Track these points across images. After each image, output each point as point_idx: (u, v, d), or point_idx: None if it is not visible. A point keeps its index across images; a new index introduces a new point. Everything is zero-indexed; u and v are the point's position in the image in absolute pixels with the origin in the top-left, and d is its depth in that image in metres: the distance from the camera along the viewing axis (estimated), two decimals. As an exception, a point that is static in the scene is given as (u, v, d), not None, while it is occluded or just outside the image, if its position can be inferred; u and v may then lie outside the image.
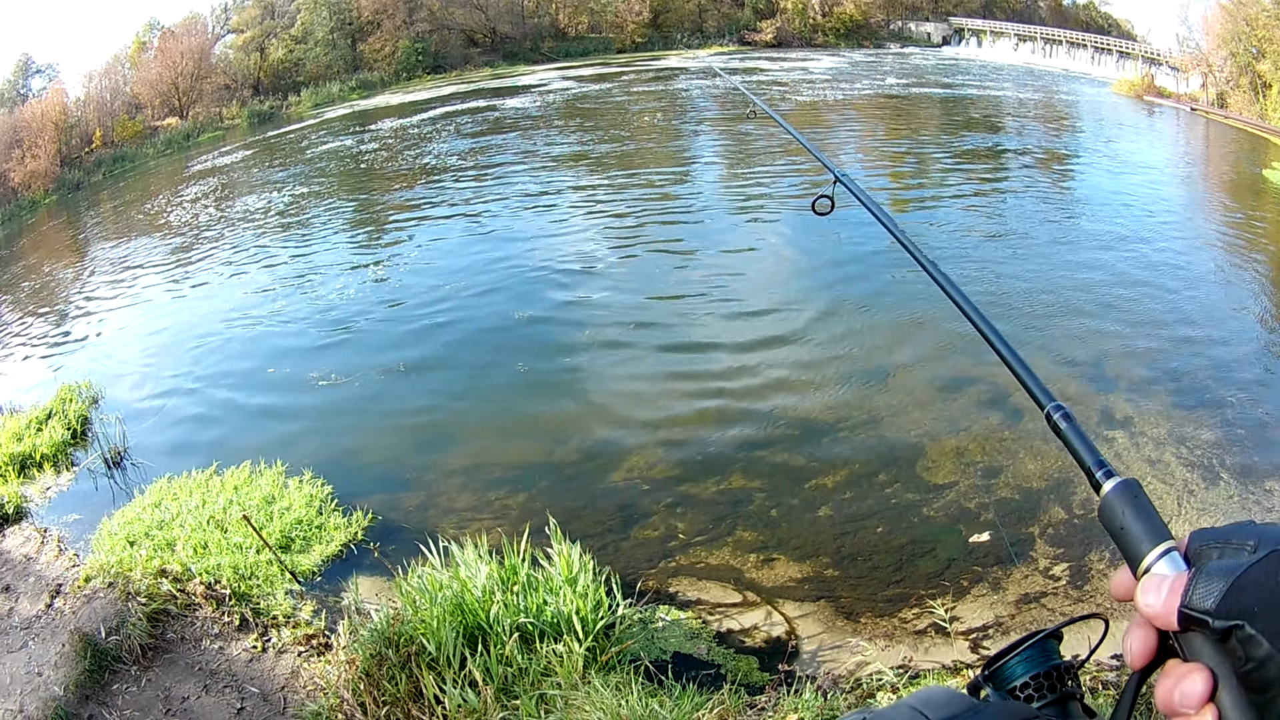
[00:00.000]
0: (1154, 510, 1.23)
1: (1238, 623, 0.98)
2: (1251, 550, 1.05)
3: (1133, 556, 1.19)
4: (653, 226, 21.50)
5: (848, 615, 7.99)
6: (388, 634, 6.86)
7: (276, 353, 16.20)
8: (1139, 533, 1.20)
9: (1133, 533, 1.21)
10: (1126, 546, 1.21)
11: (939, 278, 2.11)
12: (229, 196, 34.80)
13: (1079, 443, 1.44)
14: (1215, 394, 11.87)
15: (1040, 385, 1.65)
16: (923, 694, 1.32)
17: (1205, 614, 1.02)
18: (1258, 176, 27.89)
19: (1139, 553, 1.18)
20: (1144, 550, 1.17)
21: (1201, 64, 45.58)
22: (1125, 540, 1.22)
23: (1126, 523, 1.22)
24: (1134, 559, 1.19)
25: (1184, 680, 1.04)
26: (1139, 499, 1.25)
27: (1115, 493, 1.27)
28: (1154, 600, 1.10)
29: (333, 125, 51.71)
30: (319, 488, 10.73)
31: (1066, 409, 1.53)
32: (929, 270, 2.17)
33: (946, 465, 10.24)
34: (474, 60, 75.73)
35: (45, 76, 66.65)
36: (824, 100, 42.96)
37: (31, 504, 11.90)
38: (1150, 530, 1.19)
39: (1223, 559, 1.08)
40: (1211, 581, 1.03)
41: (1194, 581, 1.06)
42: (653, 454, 11.05)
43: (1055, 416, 1.53)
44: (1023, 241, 19.07)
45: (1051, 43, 66.20)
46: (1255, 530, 1.08)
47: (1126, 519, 1.23)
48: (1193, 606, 1.04)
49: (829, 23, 78.61)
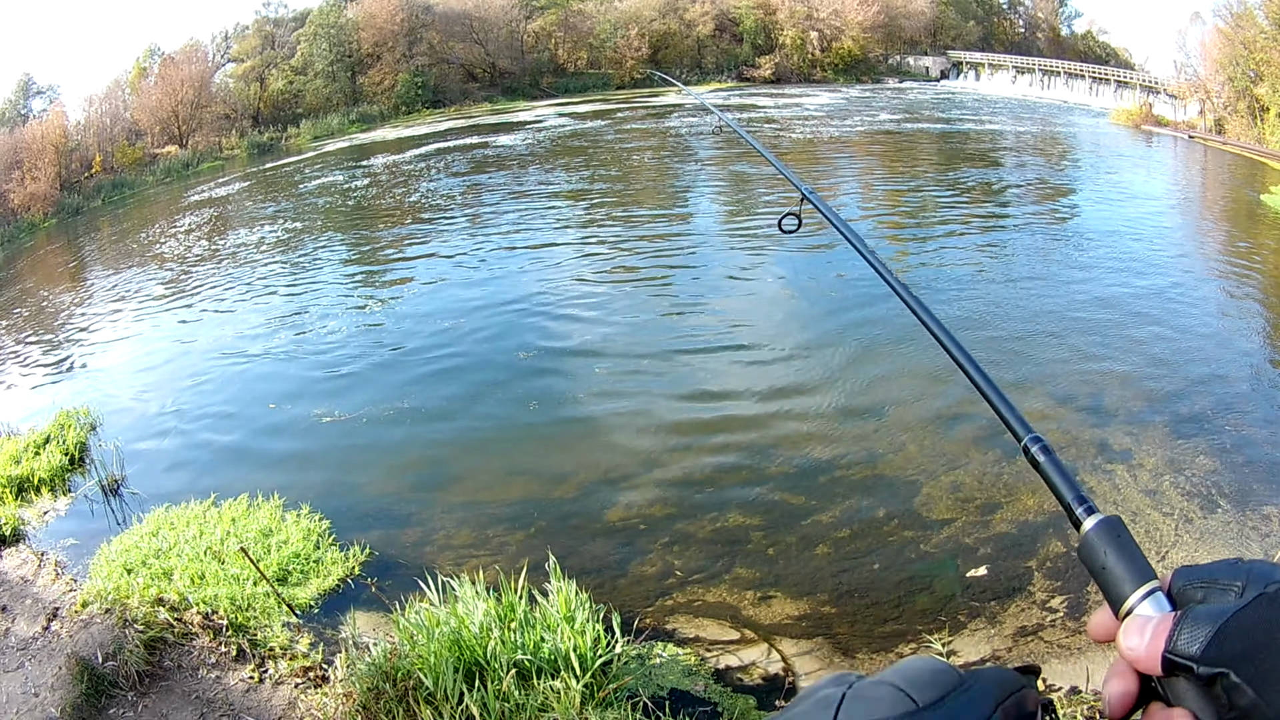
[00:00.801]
0: (1137, 548, 1.21)
1: (1223, 670, 0.97)
2: (1239, 592, 1.04)
3: (1114, 597, 1.17)
4: (649, 265, 21.57)
5: (845, 651, 7.97)
6: (385, 668, 6.86)
7: (275, 387, 16.21)
8: (1121, 573, 1.18)
9: (1115, 573, 1.19)
10: (1108, 587, 1.19)
11: (911, 302, 2.07)
12: (228, 229, 34.81)
13: (1058, 477, 1.42)
14: (1214, 423, 11.91)
15: (1018, 416, 1.61)
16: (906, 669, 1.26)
17: (1190, 660, 1.00)
18: (1256, 201, 28.02)
19: (1121, 593, 1.16)
20: (1126, 591, 1.15)
21: (1199, 90, 45.90)
22: (1107, 580, 1.19)
23: (1108, 562, 1.21)
24: (1116, 600, 1.17)
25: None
26: (1121, 537, 1.23)
27: (1097, 531, 1.26)
28: (1137, 644, 1.07)
29: (332, 159, 51.80)
30: (316, 522, 10.72)
31: (1045, 441, 1.49)
32: (900, 294, 2.14)
33: (944, 501, 10.25)
34: (473, 95, 76.04)
35: (46, 98, 66.66)
36: (820, 137, 43.05)
37: (29, 527, 11.88)
38: (1133, 570, 1.18)
39: (1208, 601, 1.07)
40: (1197, 627, 1.01)
41: (1179, 626, 1.03)
42: (650, 492, 11.04)
43: (1034, 449, 1.50)
44: (1021, 274, 19.13)
45: (1050, 74, 66.64)
46: (1242, 570, 1.07)
47: (1108, 559, 1.21)
48: (1177, 652, 1.02)
49: (827, 58, 79.15)
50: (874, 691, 1.12)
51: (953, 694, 1.12)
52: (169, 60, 70.11)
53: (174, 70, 68.30)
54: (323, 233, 30.90)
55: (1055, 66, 66.81)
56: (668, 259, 22.02)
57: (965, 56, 77.00)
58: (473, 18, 76.84)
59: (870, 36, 78.69)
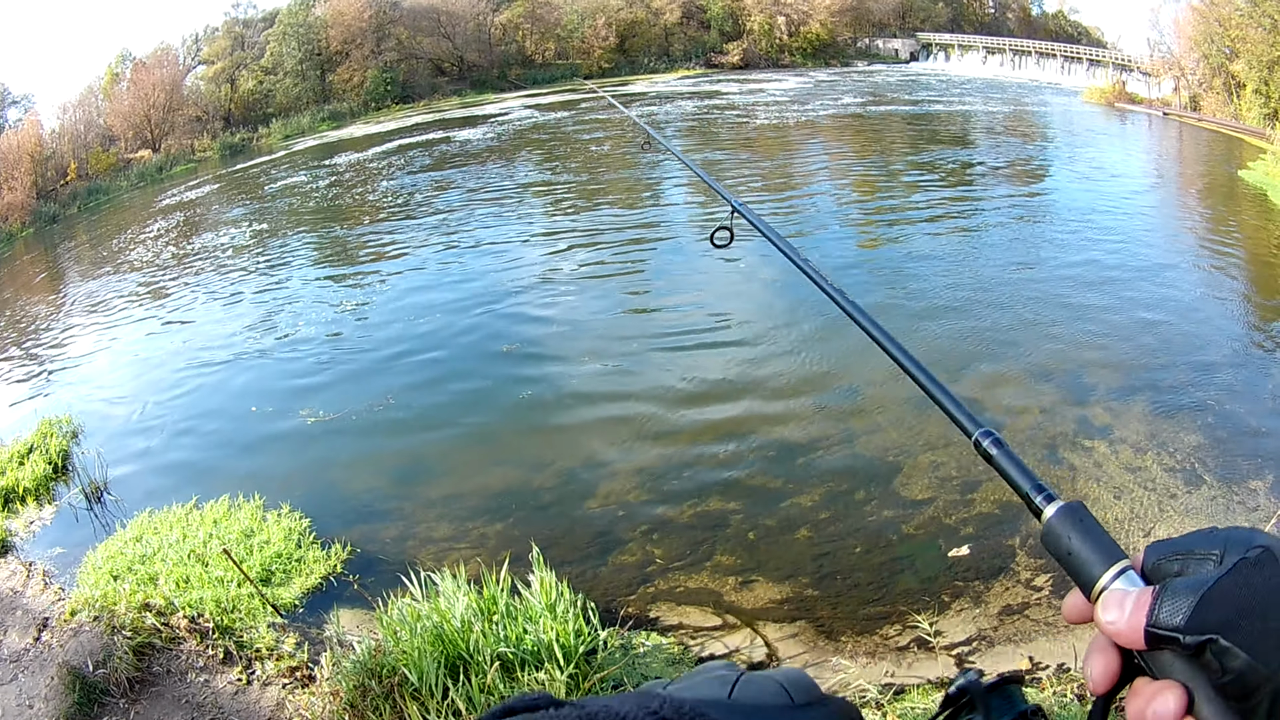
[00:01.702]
0: (1103, 531, 1.16)
1: (1211, 637, 0.95)
2: (1217, 560, 1.02)
3: (1085, 581, 1.13)
4: (618, 255, 21.63)
5: (829, 634, 8.00)
6: (370, 665, 6.87)
7: (252, 388, 16.16)
8: (1088, 555, 1.14)
9: (1081, 556, 1.14)
10: (1077, 571, 1.14)
11: (846, 305, 2.01)
12: (201, 232, 34.63)
13: (1013, 468, 1.35)
14: (1195, 397, 11.97)
15: (965, 411, 1.51)
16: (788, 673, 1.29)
17: (1175, 631, 0.98)
18: (1233, 177, 28.13)
19: (1091, 576, 1.12)
20: (1096, 573, 1.11)
21: (1174, 68, 46.06)
22: (1074, 565, 1.15)
23: (1074, 547, 1.16)
24: (1086, 583, 1.13)
25: (1156, 699, 1.00)
26: (1085, 521, 1.18)
27: (1058, 517, 1.20)
28: (1116, 616, 1.05)
29: (303, 158, 51.65)
30: (297, 521, 10.71)
31: (996, 434, 1.41)
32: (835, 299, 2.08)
33: (923, 481, 10.29)
34: (442, 89, 75.99)
35: (21, 108, 66.36)
36: (786, 122, 43.01)
37: (16, 538, 11.84)
38: (1101, 551, 1.13)
39: (1186, 573, 1.04)
40: (1179, 598, 0.99)
41: (1159, 599, 1.01)
42: (628, 480, 11.05)
43: (985, 443, 1.41)
44: (995, 254, 19.19)
45: (1020, 54, 66.73)
46: (1220, 537, 1.05)
47: (1074, 543, 1.16)
48: (1160, 625, 0.99)
49: (795, 43, 79.28)
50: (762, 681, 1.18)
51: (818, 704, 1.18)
52: (140, 65, 69.87)
53: (145, 74, 68.06)
54: (294, 233, 30.83)
55: (1026, 46, 66.90)
56: (636, 248, 22.10)
57: (934, 38, 77.12)
58: (440, 12, 76.86)
59: (838, 20, 78.86)
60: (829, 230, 22.61)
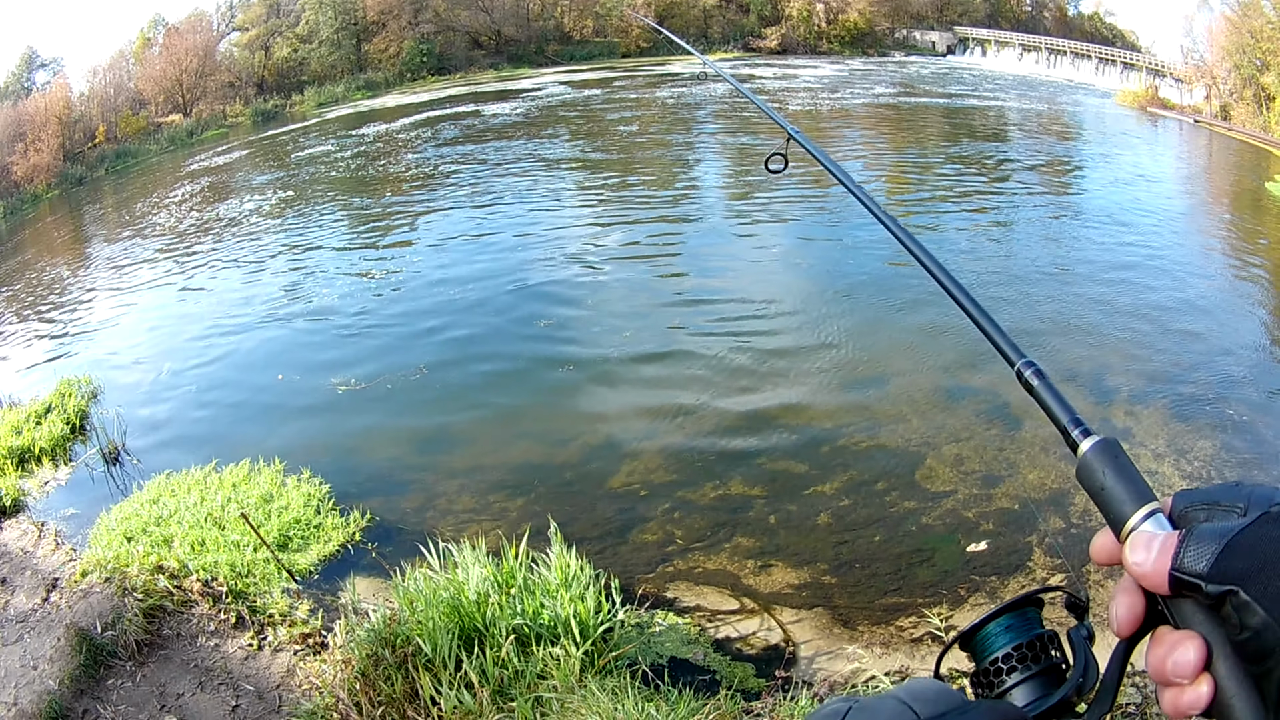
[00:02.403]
0: (1136, 470, 1.19)
1: (1232, 588, 0.96)
2: (1241, 513, 1.04)
3: (1115, 518, 1.15)
4: (651, 232, 21.57)
5: (844, 622, 7.97)
6: (384, 634, 6.85)
7: (275, 354, 16.25)
8: (1121, 493, 1.16)
9: (1114, 493, 1.17)
10: (1108, 507, 1.17)
11: (899, 233, 2.01)
12: (232, 196, 34.62)
13: (1053, 400, 1.39)
14: (1216, 407, 11.86)
15: (1009, 341, 1.56)
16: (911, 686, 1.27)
17: (1198, 578, 0.99)
18: (1260, 189, 27.85)
19: (1122, 514, 1.14)
20: (1127, 511, 1.14)
21: (1205, 76, 45.67)
22: (1106, 500, 1.18)
23: (1107, 482, 1.19)
24: (1116, 520, 1.15)
25: (1177, 649, 1.01)
26: (1120, 458, 1.21)
27: (1094, 451, 1.23)
28: (1143, 558, 1.06)
29: (336, 126, 51.44)
30: (317, 487, 10.72)
31: (1038, 365, 1.47)
32: (888, 225, 2.08)
33: (946, 474, 10.23)
34: (479, 62, 75.51)
35: (50, 70, 66.20)
36: (820, 109, 42.86)
37: (29, 497, 11.90)
38: (1133, 491, 1.16)
39: (1211, 521, 1.06)
40: (1203, 544, 1.00)
41: (1185, 543, 1.03)
42: (652, 460, 11.03)
43: (1027, 373, 1.47)
44: (1024, 254, 19.10)
45: (1056, 53, 66.19)
46: (1244, 492, 1.07)
47: (1107, 479, 1.19)
48: (1184, 569, 1.01)
49: (834, 30, 78.65)
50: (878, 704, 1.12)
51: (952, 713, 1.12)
52: (173, 30, 69.69)
53: (178, 40, 67.94)
54: (324, 200, 30.79)
55: (1062, 45, 66.41)
56: (670, 227, 22.02)
57: (972, 32, 76.61)
58: (479, -15, 76.53)
59: (877, 10, 78.22)
60: (863, 218, 22.52)
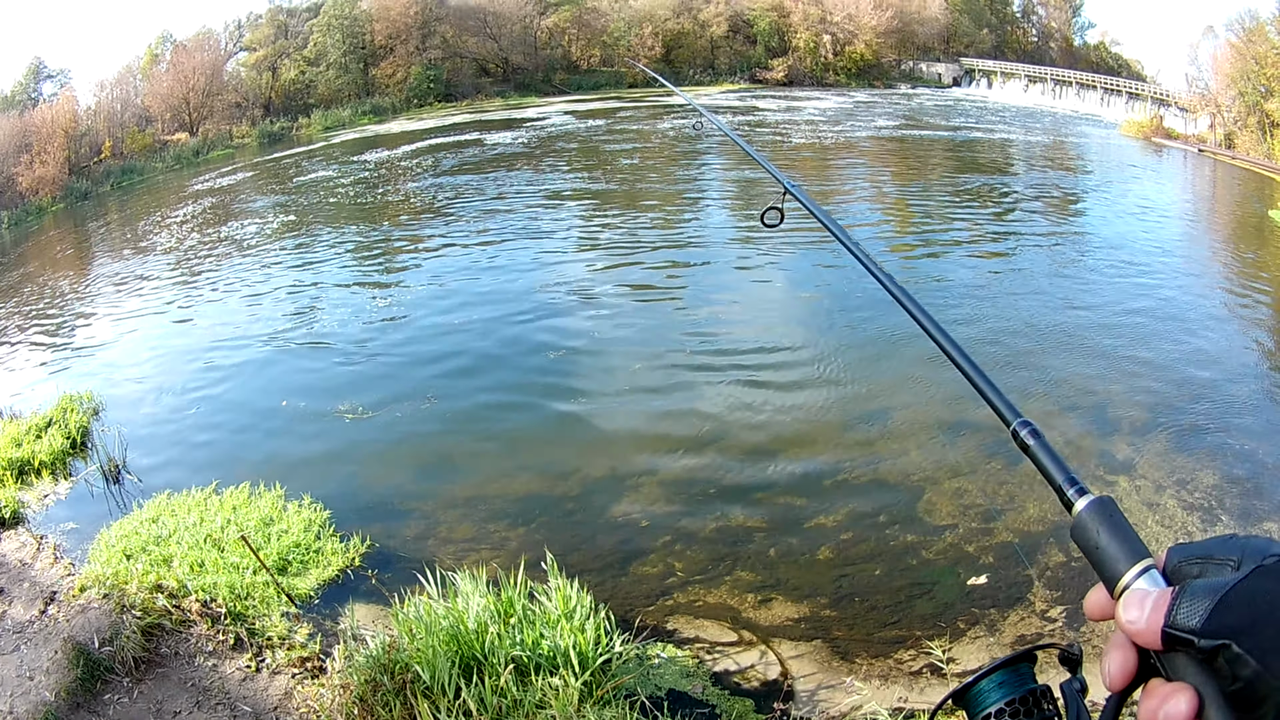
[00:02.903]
0: (1130, 528, 1.21)
1: (1225, 642, 0.97)
2: (1235, 566, 1.05)
3: (1109, 575, 1.17)
4: (655, 266, 21.58)
5: (844, 656, 7.97)
6: (383, 660, 6.85)
7: (277, 377, 16.29)
8: (1115, 551, 1.19)
9: (1108, 551, 1.19)
10: (1102, 566, 1.19)
11: (895, 291, 2.07)
12: (236, 218, 34.61)
13: (1048, 460, 1.42)
14: (1217, 437, 11.93)
15: (1006, 402, 1.62)
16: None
17: (1191, 633, 1.00)
18: (1264, 217, 28.07)
19: (1116, 571, 1.16)
20: (1121, 569, 1.16)
21: (1210, 104, 45.91)
22: (1100, 559, 1.20)
23: (1102, 541, 1.21)
24: (1111, 578, 1.17)
25: (1169, 700, 1.02)
26: (1114, 517, 1.23)
27: (1089, 511, 1.26)
28: (1136, 616, 1.08)
29: (343, 150, 51.69)
30: (317, 512, 10.71)
31: (1034, 425, 1.50)
32: (884, 284, 2.15)
33: (946, 508, 10.24)
34: (485, 90, 75.88)
35: (57, 82, 66.50)
36: (826, 142, 42.97)
37: (28, 510, 11.90)
38: (1127, 548, 1.18)
39: (1205, 576, 1.07)
40: (1196, 600, 1.02)
41: (1178, 600, 1.04)
42: (653, 491, 11.03)
43: (1023, 433, 1.51)
44: (1027, 283, 19.15)
45: (1061, 84, 66.61)
46: (1238, 544, 1.09)
47: (1102, 537, 1.21)
48: (1177, 626, 1.02)
49: (840, 62, 79.08)
50: None
51: None
52: (181, 48, 70.00)
53: (186, 58, 68.22)
54: (328, 225, 30.87)
55: (1067, 76, 66.81)
56: (672, 261, 22.01)
57: (978, 64, 77.04)
58: (487, 12, 76.77)
59: (883, 42, 78.67)
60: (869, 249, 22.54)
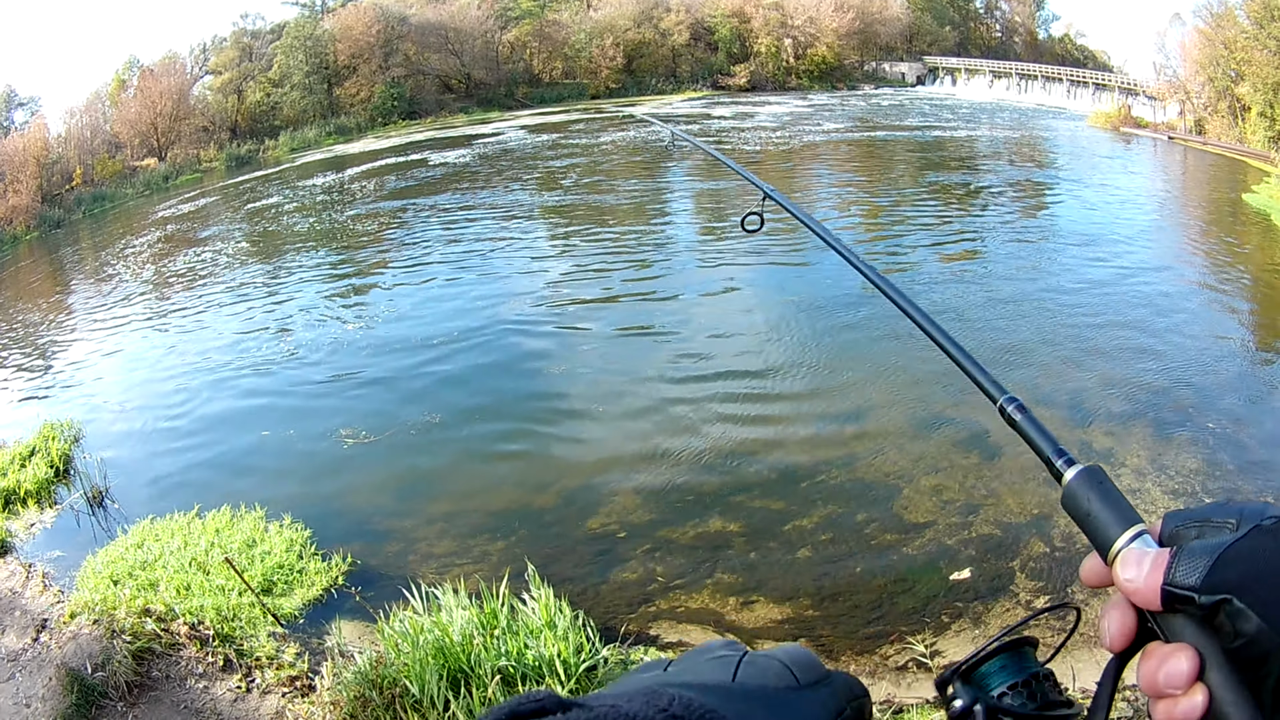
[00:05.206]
0: (1121, 495, 1.20)
1: (1225, 597, 0.96)
2: (1233, 528, 1.04)
3: (1102, 542, 1.16)
4: (625, 277, 21.63)
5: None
6: (371, 676, 6.90)
7: (254, 400, 16.22)
8: (1107, 518, 1.17)
9: (1100, 518, 1.18)
10: (1094, 533, 1.18)
11: (878, 281, 2.06)
12: (207, 243, 34.40)
13: (1035, 433, 1.41)
14: (1197, 422, 11.98)
15: (990, 379, 1.62)
16: (791, 651, 1.31)
17: (1190, 590, 0.99)
18: (1237, 200, 28.23)
19: (1108, 538, 1.15)
20: (1114, 535, 1.14)
21: (1179, 91, 46.14)
22: (1092, 526, 1.18)
23: (1093, 509, 1.19)
24: (1104, 545, 1.15)
25: (1169, 660, 1.01)
26: (1104, 484, 1.22)
27: (1079, 480, 1.24)
28: (1135, 575, 1.07)
29: (309, 171, 51.65)
30: (299, 532, 10.72)
31: (1020, 400, 1.51)
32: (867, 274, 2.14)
33: (925, 504, 10.31)
34: (449, 106, 75.90)
35: (28, 110, 66.22)
36: (789, 145, 43.02)
37: (16, 539, 11.89)
38: (1119, 514, 1.17)
39: (1203, 538, 1.06)
40: (1195, 558, 1.01)
41: (1176, 560, 1.03)
42: (630, 500, 11.06)
43: (1009, 409, 1.51)
44: (999, 278, 19.21)
45: (1027, 78, 66.92)
46: (1234, 509, 1.07)
47: (1093, 505, 1.20)
48: (1176, 583, 1.01)
49: (802, 65, 79.44)
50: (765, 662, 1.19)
51: (822, 682, 1.19)
52: (148, 73, 69.67)
53: (152, 83, 67.90)
54: (298, 249, 30.72)
55: (1032, 70, 67.12)
56: (642, 270, 22.11)
57: (941, 62, 77.42)
58: (448, 29, 76.91)
59: (846, 43, 79.04)
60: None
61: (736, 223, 18.05)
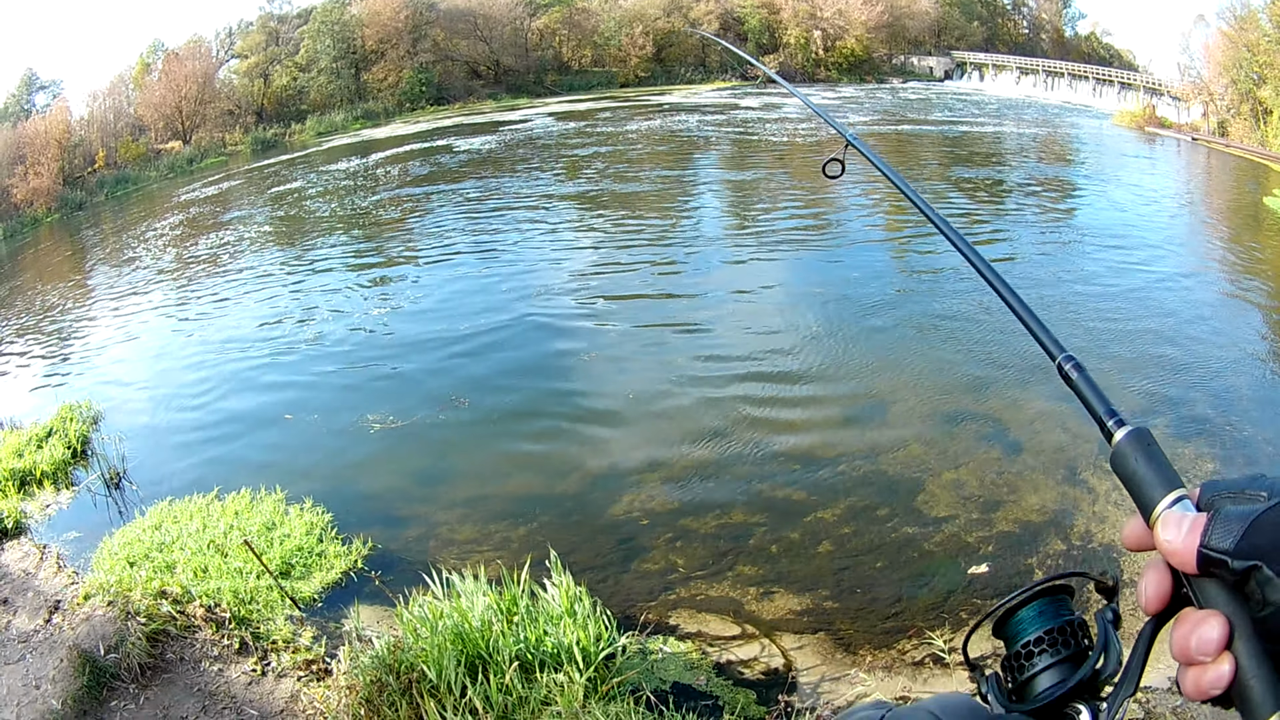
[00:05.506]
0: (1166, 459, 1.25)
1: (1256, 563, 1.00)
2: (1266, 499, 1.07)
3: (1145, 503, 1.21)
4: (653, 264, 21.55)
5: (846, 647, 7.98)
6: (389, 661, 6.86)
7: (275, 381, 16.31)
8: (1151, 479, 1.22)
9: (1145, 479, 1.23)
10: (1138, 493, 1.23)
11: (952, 236, 2.15)
12: (231, 226, 34.56)
13: (1090, 392, 1.50)
14: (1214, 423, 11.93)
15: (1051, 336, 1.70)
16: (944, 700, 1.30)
17: (1224, 553, 1.03)
18: (1258, 204, 27.99)
19: (1151, 499, 1.20)
20: (1156, 497, 1.19)
21: (1203, 93, 45.85)
22: (1137, 486, 1.23)
23: (1139, 469, 1.24)
24: (1146, 505, 1.20)
25: (1200, 626, 1.05)
26: (1151, 447, 1.27)
27: (1127, 440, 1.30)
28: (1174, 536, 1.11)
29: (335, 156, 51.48)
30: (319, 515, 10.71)
31: (1077, 359, 1.59)
32: (942, 229, 2.22)
33: (946, 498, 10.25)
34: (477, 92, 75.64)
35: (49, 93, 66.24)
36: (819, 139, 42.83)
37: (31, 520, 11.91)
38: (1163, 477, 1.21)
39: (1238, 506, 1.09)
40: (1230, 522, 1.05)
41: (1212, 523, 1.07)
42: (653, 489, 11.03)
43: (1067, 367, 1.59)
44: (1022, 274, 19.06)
45: (1053, 75, 66.52)
46: (1268, 482, 1.10)
47: (1139, 465, 1.25)
48: (1212, 546, 1.05)
49: (831, 57, 79.02)
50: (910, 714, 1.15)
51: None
52: (173, 56, 69.62)
53: (178, 66, 67.89)
54: (323, 233, 30.74)
55: (1059, 68, 66.70)
56: (670, 259, 22.02)
57: (969, 57, 76.94)
58: (477, 15, 76.56)
59: (874, 36, 78.59)
60: (864, 247, 22.49)
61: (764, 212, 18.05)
